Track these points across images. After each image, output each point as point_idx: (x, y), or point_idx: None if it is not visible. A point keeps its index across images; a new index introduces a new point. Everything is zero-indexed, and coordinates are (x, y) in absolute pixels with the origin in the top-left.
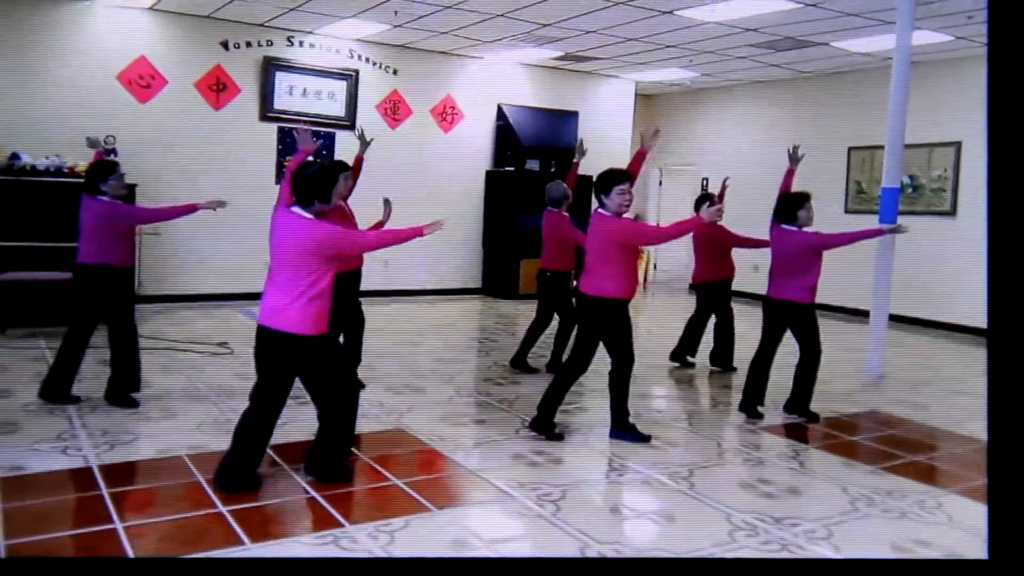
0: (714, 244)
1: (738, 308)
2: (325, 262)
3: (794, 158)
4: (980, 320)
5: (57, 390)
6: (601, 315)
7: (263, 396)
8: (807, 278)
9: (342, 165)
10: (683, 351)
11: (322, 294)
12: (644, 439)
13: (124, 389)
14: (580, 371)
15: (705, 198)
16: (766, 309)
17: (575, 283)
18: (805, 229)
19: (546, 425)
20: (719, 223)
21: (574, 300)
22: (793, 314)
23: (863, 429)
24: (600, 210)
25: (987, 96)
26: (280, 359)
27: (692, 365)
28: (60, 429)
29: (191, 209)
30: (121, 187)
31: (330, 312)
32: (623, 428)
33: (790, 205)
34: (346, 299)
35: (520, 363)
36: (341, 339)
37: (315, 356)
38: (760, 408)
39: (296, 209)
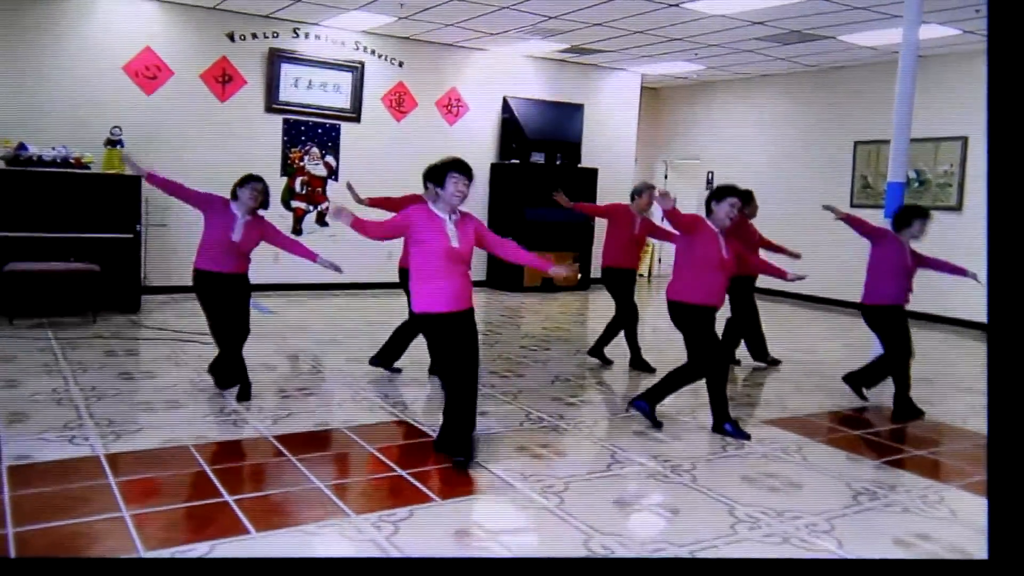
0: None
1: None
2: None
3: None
4: (985, 316)
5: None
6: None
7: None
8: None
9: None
10: (759, 354)
11: None
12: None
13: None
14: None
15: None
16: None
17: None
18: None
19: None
20: (749, 221)
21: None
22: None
23: (867, 423)
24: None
25: (987, 92)
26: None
27: (777, 362)
28: (67, 419)
29: (308, 255)
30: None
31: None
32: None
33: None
34: None
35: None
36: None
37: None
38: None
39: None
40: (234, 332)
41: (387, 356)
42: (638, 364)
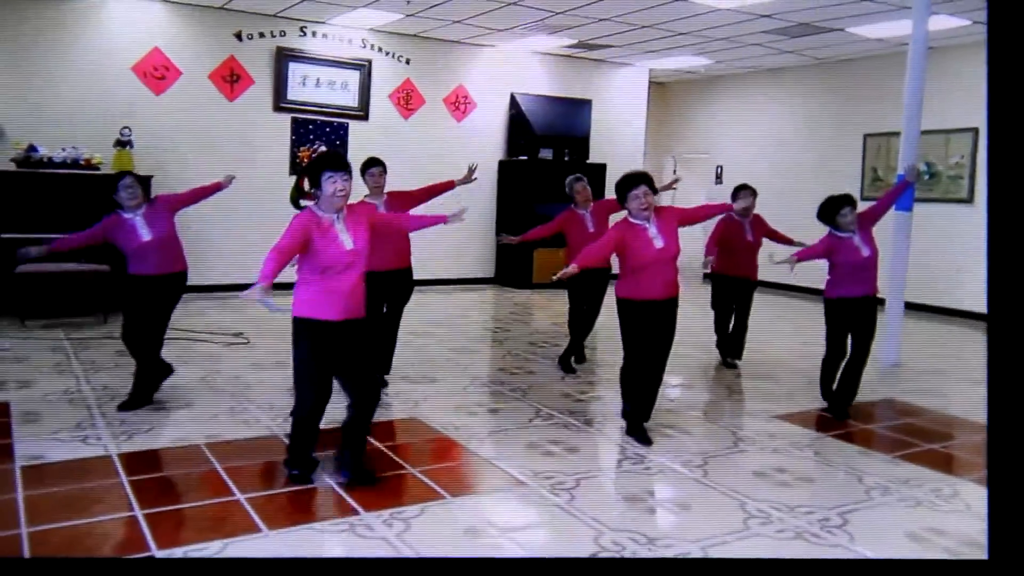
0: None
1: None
2: None
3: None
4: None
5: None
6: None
7: None
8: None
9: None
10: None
11: None
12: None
13: None
14: None
15: (737, 190)
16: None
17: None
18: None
19: None
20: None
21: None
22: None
23: (879, 417)
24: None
25: (987, 83)
26: None
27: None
28: (80, 419)
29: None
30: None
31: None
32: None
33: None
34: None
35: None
36: None
37: None
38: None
39: None
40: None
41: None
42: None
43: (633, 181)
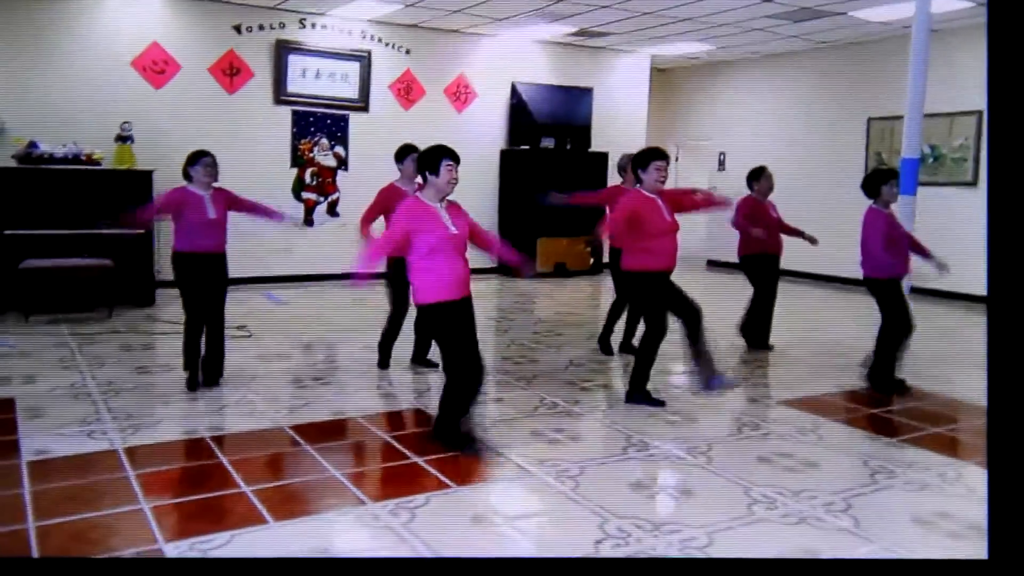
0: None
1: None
2: None
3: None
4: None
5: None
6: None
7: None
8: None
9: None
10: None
11: None
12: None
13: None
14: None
15: (758, 172)
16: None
17: None
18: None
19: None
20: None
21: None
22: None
23: (884, 402)
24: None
25: (987, 68)
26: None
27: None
28: (85, 413)
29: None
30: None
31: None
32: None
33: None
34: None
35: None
36: None
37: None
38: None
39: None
40: (210, 312)
41: (420, 353)
42: (626, 348)
43: (658, 153)
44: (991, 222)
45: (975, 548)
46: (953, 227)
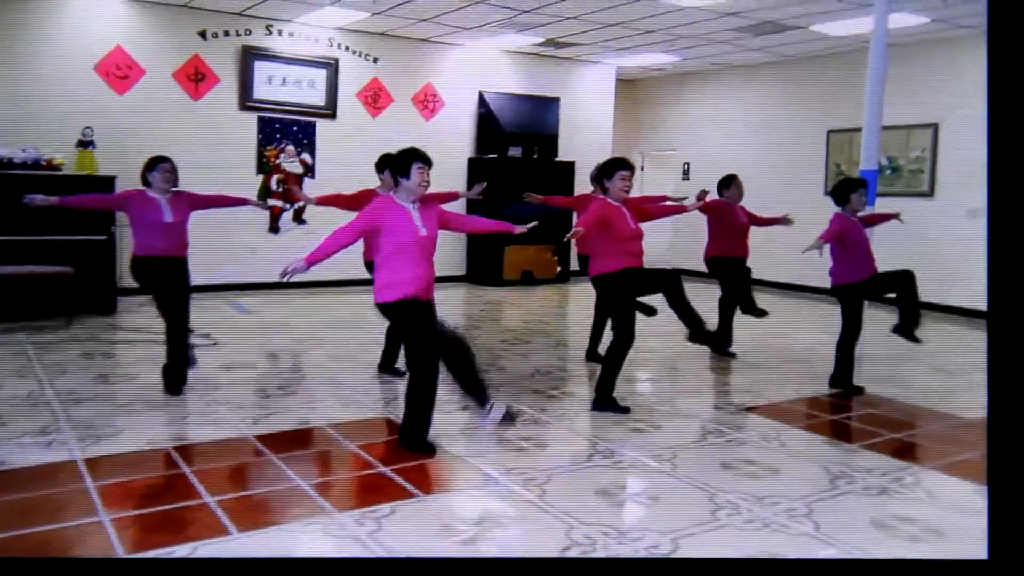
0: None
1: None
2: None
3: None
4: (956, 298)
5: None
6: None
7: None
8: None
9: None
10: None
11: None
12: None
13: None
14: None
15: (728, 180)
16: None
17: None
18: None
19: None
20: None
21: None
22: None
23: (844, 408)
24: None
25: (987, 80)
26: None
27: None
28: (44, 423)
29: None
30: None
31: None
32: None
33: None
34: None
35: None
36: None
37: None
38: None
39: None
40: (172, 317)
41: (388, 361)
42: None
43: (623, 163)
44: (991, 237)
45: (934, 550)
46: (909, 237)
